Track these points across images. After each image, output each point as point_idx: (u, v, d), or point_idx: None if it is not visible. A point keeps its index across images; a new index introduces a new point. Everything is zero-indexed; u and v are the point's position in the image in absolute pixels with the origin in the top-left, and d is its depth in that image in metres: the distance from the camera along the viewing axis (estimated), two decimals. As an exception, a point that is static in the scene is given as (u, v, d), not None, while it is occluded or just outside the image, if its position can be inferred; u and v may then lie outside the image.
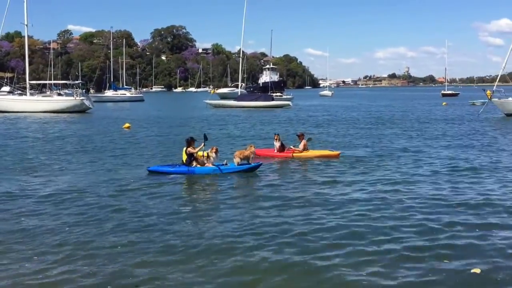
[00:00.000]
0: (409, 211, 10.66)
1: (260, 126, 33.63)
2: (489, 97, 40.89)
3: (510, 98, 41.00)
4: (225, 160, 15.37)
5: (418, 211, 10.60)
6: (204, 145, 15.05)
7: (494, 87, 42.11)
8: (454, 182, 13.74)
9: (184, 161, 14.80)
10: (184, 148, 14.95)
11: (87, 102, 49.80)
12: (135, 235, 8.98)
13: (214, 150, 15.09)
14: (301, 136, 18.79)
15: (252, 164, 15.20)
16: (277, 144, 18.47)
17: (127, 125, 32.63)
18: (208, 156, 14.94)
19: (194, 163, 14.78)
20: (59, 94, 57.95)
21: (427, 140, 24.33)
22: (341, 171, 15.39)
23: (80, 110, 48.72)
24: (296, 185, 13.49)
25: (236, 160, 15.24)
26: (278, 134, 18.92)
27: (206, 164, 14.83)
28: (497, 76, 45.09)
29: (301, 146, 18.38)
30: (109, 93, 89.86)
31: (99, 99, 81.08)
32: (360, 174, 14.93)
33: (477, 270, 7.28)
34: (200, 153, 15.07)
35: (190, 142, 14.92)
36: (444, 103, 66.10)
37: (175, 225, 9.62)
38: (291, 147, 18.49)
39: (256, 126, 33.74)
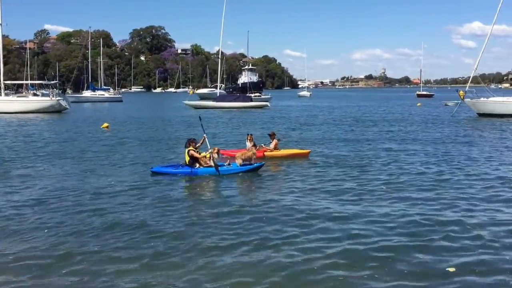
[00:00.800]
0: (381, 210, 10.73)
1: (237, 126, 33.60)
2: (462, 98, 41.77)
3: (482, 99, 41.85)
4: (228, 161, 15.40)
5: (391, 211, 10.67)
6: (204, 136, 15.46)
7: (467, 88, 43.06)
8: (427, 180, 13.88)
9: (187, 162, 14.73)
10: (186, 150, 14.86)
11: (63, 103, 49.13)
12: (133, 237, 8.90)
13: (216, 151, 15.06)
14: (272, 136, 18.77)
15: (255, 164, 15.23)
16: (249, 144, 18.27)
17: (105, 125, 32.32)
18: (210, 157, 14.86)
19: (197, 164, 14.70)
20: (35, 94, 57.01)
21: (401, 140, 24.63)
22: (311, 170, 15.58)
23: (56, 110, 48.02)
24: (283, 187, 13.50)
25: (239, 161, 15.21)
26: (251, 135, 18.69)
27: (209, 165, 14.72)
28: (470, 77, 45.97)
29: (272, 145, 18.38)
30: (87, 93, 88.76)
31: (77, 100, 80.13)
32: (328, 172, 15.10)
33: (452, 269, 7.35)
34: (203, 153, 15.05)
35: (191, 143, 14.91)
36: (418, 104, 66.95)
37: (176, 227, 9.50)
38: (262, 145, 18.43)
39: (233, 126, 33.71)
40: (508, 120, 36.20)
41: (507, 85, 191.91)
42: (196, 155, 14.71)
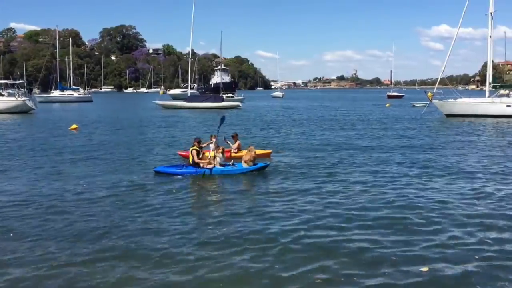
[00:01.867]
0: (350, 210, 10.78)
1: (206, 127, 33.22)
2: (430, 99, 42.60)
3: (450, 100, 42.74)
4: (232, 161, 15.27)
5: (360, 211, 10.73)
6: (213, 138, 15.35)
7: (435, 89, 43.99)
8: (396, 181, 14.01)
9: (191, 162, 14.56)
10: (191, 149, 14.72)
11: (29, 103, 47.95)
12: (134, 239, 8.80)
13: (220, 151, 14.94)
14: (235, 137, 18.54)
15: (260, 164, 15.13)
16: (212, 145, 18.13)
17: (74, 126, 31.59)
18: (214, 157, 14.72)
19: (201, 164, 14.52)
20: (0, 95, 55.34)
21: (369, 140, 24.86)
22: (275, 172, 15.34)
23: (22, 111, 46.86)
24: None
25: (243, 162, 15.04)
26: (215, 135, 18.58)
27: (213, 165, 14.54)
28: (438, 79, 46.92)
29: (234, 146, 18.12)
30: (55, 93, 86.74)
31: (45, 100, 78.30)
32: (289, 173, 15.12)
33: (425, 269, 7.40)
34: (207, 153, 14.87)
35: (196, 142, 14.85)
36: (387, 105, 67.85)
37: (177, 228, 9.49)
38: (228, 141, 18.18)
39: (203, 127, 33.37)
40: (475, 121, 37.05)
41: (473, 86, 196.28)
42: (195, 158, 14.55)
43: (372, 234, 9.11)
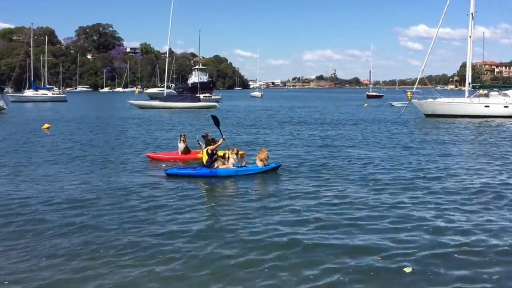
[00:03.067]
0: (332, 211, 10.61)
1: (181, 127, 32.61)
2: (410, 99, 42.78)
3: (429, 100, 43.02)
4: (244, 162, 15.01)
5: (342, 212, 10.57)
6: (223, 138, 14.91)
7: (414, 89, 44.26)
8: (377, 183, 13.80)
9: (205, 162, 14.20)
10: (205, 149, 14.40)
11: (0, 102, 46.76)
12: (141, 242, 8.57)
13: (235, 152, 14.70)
14: (206, 137, 17.89)
15: (272, 164, 14.99)
16: (181, 145, 17.42)
17: (46, 126, 30.90)
18: (228, 158, 14.44)
19: (216, 164, 14.22)
20: (-30, 94, 54.02)
21: (347, 140, 24.69)
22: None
23: (-8, 110, 45.62)
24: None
25: (259, 162, 14.80)
26: (184, 135, 17.89)
27: (226, 166, 14.23)
28: (417, 79, 47.18)
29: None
30: (29, 92, 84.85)
31: (18, 99, 76.79)
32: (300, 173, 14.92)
33: (409, 269, 7.38)
34: (221, 153, 14.60)
35: (210, 141, 14.54)
36: (365, 105, 68.13)
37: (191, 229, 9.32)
38: (200, 143, 17.61)
39: (177, 127, 32.76)
40: (454, 121, 37.29)
41: (452, 86, 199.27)
42: (213, 147, 14.33)
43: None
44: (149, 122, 36.92)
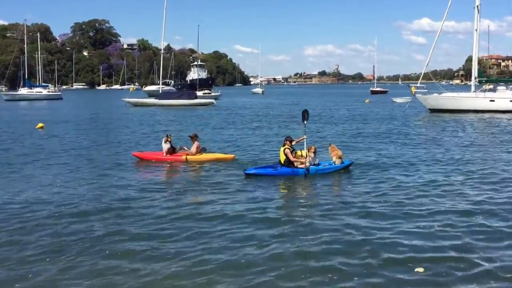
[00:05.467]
0: (340, 210, 10.57)
1: (175, 125, 32.38)
2: (413, 93, 42.71)
3: (434, 94, 42.94)
4: (316, 160, 14.87)
5: (348, 211, 10.51)
6: (305, 135, 14.89)
7: (418, 83, 44.26)
8: (382, 178, 13.83)
9: (283, 162, 14.23)
10: (282, 148, 14.40)
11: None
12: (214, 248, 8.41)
13: (312, 150, 14.68)
14: (193, 138, 17.34)
15: (347, 161, 15.21)
16: (165, 146, 17.01)
17: (40, 125, 30.82)
18: (306, 156, 14.41)
19: (295, 164, 14.25)
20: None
21: (348, 138, 24.59)
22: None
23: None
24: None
25: (336, 159, 14.97)
26: (169, 135, 17.53)
27: (304, 165, 14.17)
28: (421, 73, 47.07)
29: (193, 148, 16.97)
30: (23, 91, 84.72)
31: (12, 98, 76.72)
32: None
33: (420, 269, 7.34)
34: (299, 152, 14.61)
35: (289, 141, 14.54)
36: (367, 100, 67.85)
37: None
38: (184, 148, 17.29)
39: (170, 125, 32.53)
40: (459, 116, 37.13)
41: (458, 81, 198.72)
42: (290, 156, 14.25)
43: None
44: (144, 121, 36.76)
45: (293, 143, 14.76)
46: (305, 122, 15.32)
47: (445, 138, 23.83)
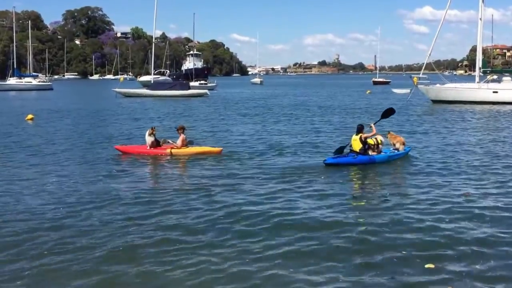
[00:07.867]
0: (346, 207, 10.57)
1: (163, 117, 32.13)
2: (415, 84, 42.66)
3: (437, 85, 42.88)
4: (380, 147, 15.14)
5: (355, 209, 10.57)
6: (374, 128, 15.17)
7: (420, 74, 44.20)
8: (390, 173, 13.97)
9: (359, 150, 14.59)
10: (356, 136, 14.69)
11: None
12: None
13: (380, 138, 15.07)
14: (180, 130, 16.93)
15: (406, 148, 15.99)
16: (149, 139, 16.63)
17: (30, 116, 30.69)
18: (377, 144, 14.85)
19: (370, 151, 14.70)
20: None
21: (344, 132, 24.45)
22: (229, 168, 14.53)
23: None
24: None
25: (400, 146, 15.71)
26: (154, 128, 17.17)
27: (374, 152, 14.77)
28: (424, 64, 46.98)
29: (179, 141, 16.58)
30: (12, 81, 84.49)
31: (0, 88, 76.44)
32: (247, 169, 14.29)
33: (431, 265, 7.38)
34: (370, 140, 14.80)
35: (361, 128, 14.83)
36: (368, 91, 67.73)
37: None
38: (169, 141, 16.90)
39: (159, 117, 32.31)
40: (461, 107, 37.08)
41: (461, 71, 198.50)
42: (371, 140, 14.71)
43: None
44: (133, 112, 36.47)
45: (368, 135, 14.89)
46: (381, 119, 16.32)
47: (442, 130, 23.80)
